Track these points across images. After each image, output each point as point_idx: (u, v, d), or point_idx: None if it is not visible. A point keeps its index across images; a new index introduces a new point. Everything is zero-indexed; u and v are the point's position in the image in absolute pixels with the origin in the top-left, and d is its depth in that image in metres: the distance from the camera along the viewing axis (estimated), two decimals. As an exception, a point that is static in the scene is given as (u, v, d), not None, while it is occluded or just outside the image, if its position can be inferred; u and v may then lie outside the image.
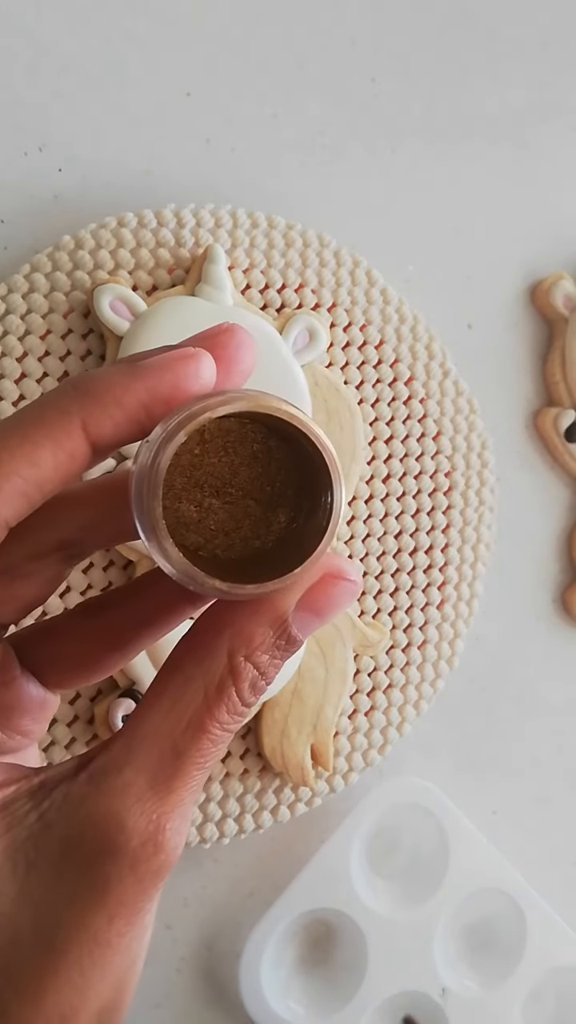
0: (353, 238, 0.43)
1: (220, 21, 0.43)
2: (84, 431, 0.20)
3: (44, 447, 0.20)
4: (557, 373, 0.44)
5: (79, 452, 0.20)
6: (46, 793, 0.20)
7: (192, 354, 0.21)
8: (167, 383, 0.20)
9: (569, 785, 0.44)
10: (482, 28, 0.46)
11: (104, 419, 0.20)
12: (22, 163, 0.40)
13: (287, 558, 0.20)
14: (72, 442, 0.20)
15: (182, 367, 0.21)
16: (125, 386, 0.20)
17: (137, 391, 0.20)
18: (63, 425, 0.20)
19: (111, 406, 0.20)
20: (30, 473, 0.20)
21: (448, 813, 0.41)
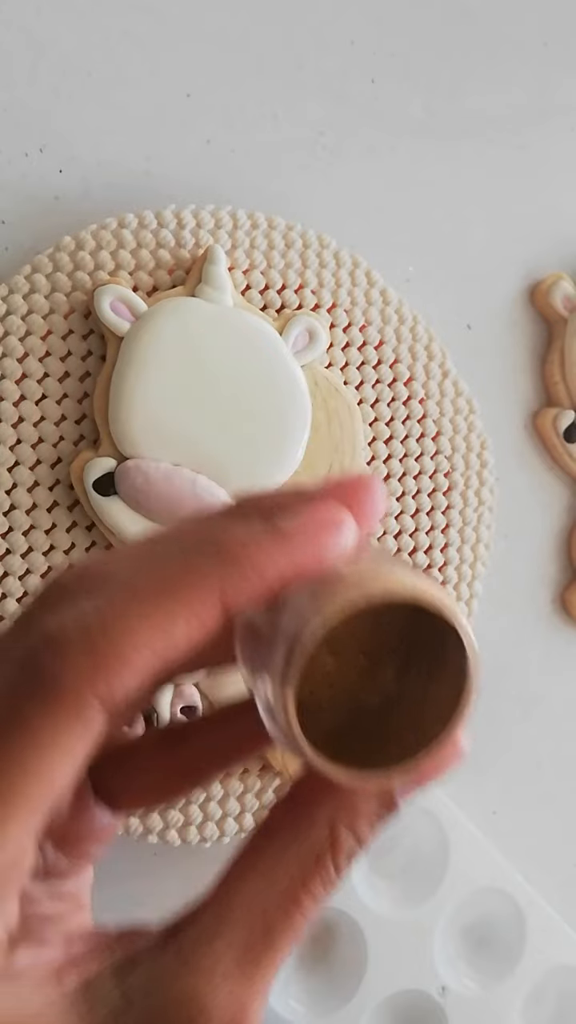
0: (353, 239, 0.43)
1: (220, 22, 0.43)
2: (222, 601, 0.18)
3: (179, 616, 0.18)
4: (556, 374, 0.44)
5: (212, 624, 0.18)
6: (131, 968, 0.19)
7: (339, 522, 0.19)
8: (311, 555, 0.19)
9: (569, 785, 0.44)
10: (482, 28, 0.46)
11: (243, 588, 0.18)
12: (23, 164, 0.40)
13: (398, 722, 0.19)
14: (208, 612, 0.18)
15: (329, 538, 0.19)
16: (269, 555, 0.19)
17: (279, 563, 0.19)
18: (201, 593, 0.18)
19: (251, 576, 0.18)
20: (162, 646, 0.18)
21: (448, 812, 0.41)
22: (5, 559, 0.36)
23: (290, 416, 0.36)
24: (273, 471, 0.36)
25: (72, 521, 0.36)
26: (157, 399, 0.35)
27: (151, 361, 0.35)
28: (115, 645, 0.18)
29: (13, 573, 0.36)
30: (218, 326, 0.36)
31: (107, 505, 0.35)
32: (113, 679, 0.18)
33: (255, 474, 0.36)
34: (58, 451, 0.36)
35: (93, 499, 0.35)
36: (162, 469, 0.35)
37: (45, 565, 0.36)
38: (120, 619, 0.18)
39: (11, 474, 0.36)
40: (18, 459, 0.36)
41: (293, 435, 0.36)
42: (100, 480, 0.35)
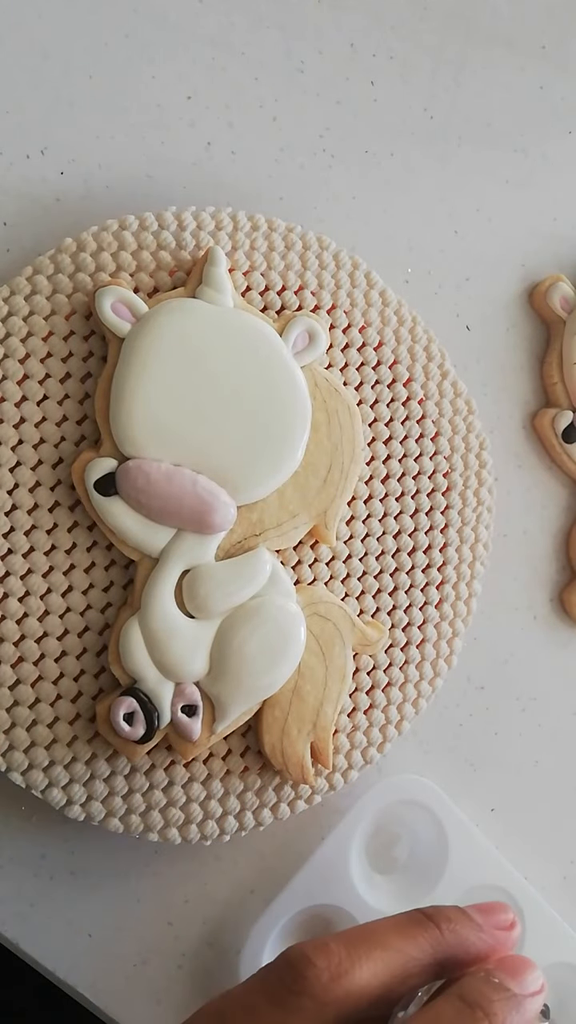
0: (352, 241, 0.43)
1: (220, 25, 0.43)
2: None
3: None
4: (555, 374, 0.45)
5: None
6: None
7: (513, 925, 0.31)
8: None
9: (567, 783, 0.45)
10: (481, 32, 0.46)
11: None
12: (24, 166, 0.40)
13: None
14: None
15: (510, 937, 0.30)
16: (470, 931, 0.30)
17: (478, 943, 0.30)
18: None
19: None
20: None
21: (447, 810, 0.41)
22: (7, 559, 0.36)
23: (290, 416, 0.37)
24: (273, 471, 0.36)
25: (73, 521, 0.37)
26: (158, 400, 0.35)
27: (152, 362, 0.35)
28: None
29: (15, 573, 0.36)
30: (218, 327, 0.36)
31: (108, 505, 0.36)
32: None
33: (255, 474, 0.36)
34: (59, 451, 0.37)
35: (94, 499, 0.35)
36: (163, 469, 0.35)
37: (47, 565, 0.36)
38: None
39: (13, 474, 0.36)
40: (20, 460, 0.36)
41: (293, 435, 0.37)
42: (101, 480, 0.35)
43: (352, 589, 0.39)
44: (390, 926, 0.29)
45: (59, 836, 0.39)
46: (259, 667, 0.36)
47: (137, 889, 0.40)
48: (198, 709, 0.36)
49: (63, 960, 0.39)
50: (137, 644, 0.35)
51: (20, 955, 0.39)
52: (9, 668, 0.36)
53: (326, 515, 0.38)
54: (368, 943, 0.28)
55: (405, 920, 0.30)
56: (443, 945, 0.29)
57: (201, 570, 0.36)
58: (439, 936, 0.29)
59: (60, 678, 0.36)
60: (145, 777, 0.37)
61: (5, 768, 0.36)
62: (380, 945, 0.28)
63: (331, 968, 0.27)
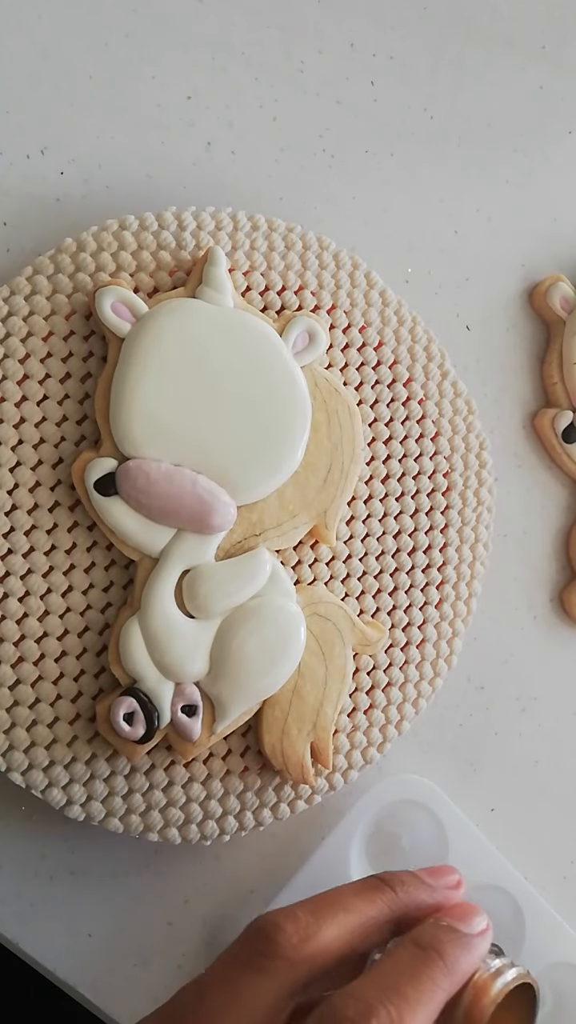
0: (352, 241, 0.43)
1: (221, 25, 0.43)
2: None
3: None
4: (555, 375, 0.45)
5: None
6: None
7: (459, 882, 0.34)
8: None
9: (567, 783, 0.45)
10: (481, 32, 0.46)
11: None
12: (24, 166, 0.40)
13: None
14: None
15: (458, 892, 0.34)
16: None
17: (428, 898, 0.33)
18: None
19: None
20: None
21: (447, 810, 0.41)
22: (7, 559, 0.36)
23: (290, 416, 0.37)
24: (273, 471, 0.36)
25: (74, 521, 0.37)
26: (158, 400, 0.35)
27: (152, 362, 0.35)
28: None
29: (15, 573, 0.36)
30: (219, 327, 0.36)
31: (108, 505, 0.36)
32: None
33: (256, 474, 0.36)
34: (59, 451, 0.37)
35: (94, 499, 0.35)
36: (163, 469, 0.35)
37: (47, 565, 0.36)
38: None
39: (13, 474, 0.36)
40: (20, 460, 0.36)
41: (293, 435, 0.37)
42: (101, 480, 0.35)
43: (352, 589, 0.39)
44: (350, 891, 0.32)
45: (59, 836, 0.39)
46: (259, 667, 0.36)
47: (137, 889, 0.40)
48: (198, 709, 0.36)
49: (63, 960, 0.39)
50: (137, 644, 0.35)
51: (20, 955, 0.39)
52: (9, 668, 0.36)
53: (326, 515, 0.38)
54: (332, 907, 0.31)
55: (363, 885, 0.32)
56: (398, 904, 0.32)
57: (201, 570, 0.36)
58: (394, 897, 0.32)
59: (60, 678, 0.36)
60: (145, 777, 0.37)
61: (5, 768, 0.36)
62: (342, 908, 0.31)
63: (299, 931, 0.29)
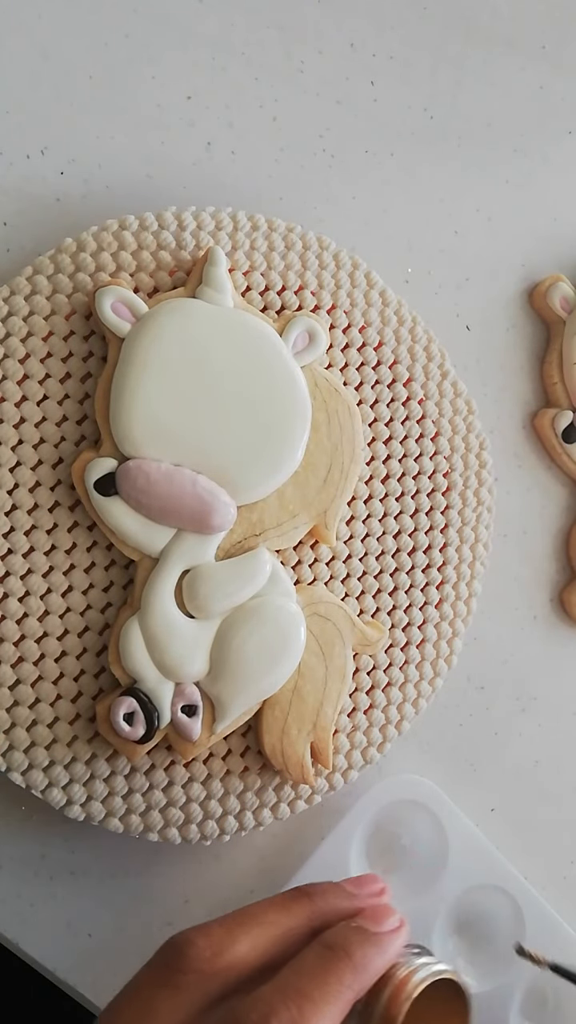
0: (352, 241, 0.43)
1: (220, 25, 0.43)
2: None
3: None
4: (555, 374, 0.45)
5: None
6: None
7: (383, 890, 0.34)
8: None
9: (567, 783, 0.45)
10: (480, 31, 0.46)
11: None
12: (24, 166, 0.40)
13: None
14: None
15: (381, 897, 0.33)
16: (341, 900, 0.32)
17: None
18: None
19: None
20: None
21: (447, 810, 0.41)
22: (7, 559, 0.36)
23: (290, 416, 0.37)
24: (273, 471, 0.36)
25: (73, 521, 0.37)
26: (158, 400, 0.35)
27: (152, 362, 0.35)
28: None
29: (15, 573, 0.36)
30: (219, 327, 0.36)
31: (108, 505, 0.36)
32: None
33: (256, 474, 0.36)
34: (59, 451, 0.37)
35: (94, 499, 0.35)
36: (163, 469, 0.35)
37: (47, 565, 0.36)
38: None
39: (13, 474, 0.36)
40: (20, 459, 0.36)
41: (293, 435, 0.37)
42: (101, 480, 0.35)
43: (352, 589, 0.39)
44: (268, 904, 0.32)
45: (59, 836, 0.39)
46: (259, 667, 0.36)
47: (137, 889, 0.40)
48: (198, 709, 0.36)
49: (63, 960, 0.39)
50: (137, 644, 0.35)
51: (20, 955, 0.39)
52: (9, 668, 0.36)
53: (326, 515, 0.38)
54: (247, 920, 0.31)
55: (282, 897, 0.32)
56: (317, 913, 0.32)
57: (201, 570, 0.36)
58: (312, 906, 0.32)
59: (60, 678, 0.36)
60: (145, 777, 0.37)
61: (5, 768, 0.36)
62: (258, 921, 0.31)
63: (212, 945, 0.29)
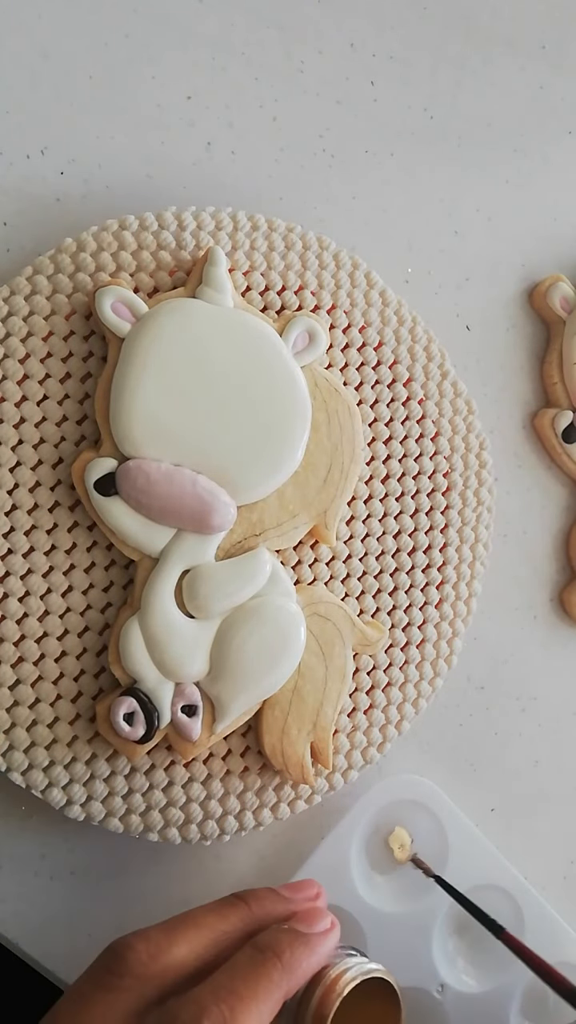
0: (352, 241, 0.43)
1: (220, 25, 0.43)
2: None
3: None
4: (555, 374, 0.45)
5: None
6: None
7: (320, 894, 0.35)
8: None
9: (567, 783, 0.45)
10: (480, 32, 0.46)
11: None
12: (24, 166, 0.40)
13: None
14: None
15: (316, 898, 0.34)
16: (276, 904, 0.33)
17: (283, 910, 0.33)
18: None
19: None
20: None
21: (447, 810, 0.41)
22: (7, 559, 0.36)
23: (290, 416, 0.37)
24: (273, 471, 0.36)
25: (73, 521, 0.37)
26: (158, 400, 0.35)
27: (152, 362, 0.35)
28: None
29: (15, 573, 0.36)
30: (219, 327, 0.36)
31: (108, 505, 0.36)
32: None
33: (255, 474, 0.36)
34: (59, 451, 0.37)
35: (94, 499, 0.35)
36: (163, 469, 0.35)
37: (47, 565, 0.36)
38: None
39: (13, 474, 0.36)
40: (20, 459, 0.36)
41: (293, 435, 0.37)
42: (101, 480, 0.35)
43: (352, 589, 0.39)
44: (206, 909, 0.32)
45: (59, 836, 0.39)
46: (259, 667, 0.36)
47: (137, 889, 0.40)
48: (198, 709, 0.36)
49: (63, 960, 0.39)
50: (137, 644, 0.35)
51: (20, 955, 0.39)
52: (9, 668, 0.36)
53: (326, 515, 0.38)
54: (184, 925, 0.31)
55: (219, 902, 0.33)
56: (252, 918, 0.32)
57: (201, 570, 0.36)
58: (248, 911, 0.33)
59: (60, 678, 0.36)
60: (145, 777, 0.37)
61: (5, 768, 0.36)
62: (194, 925, 0.31)
63: (149, 949, 0.30)
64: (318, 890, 0.35)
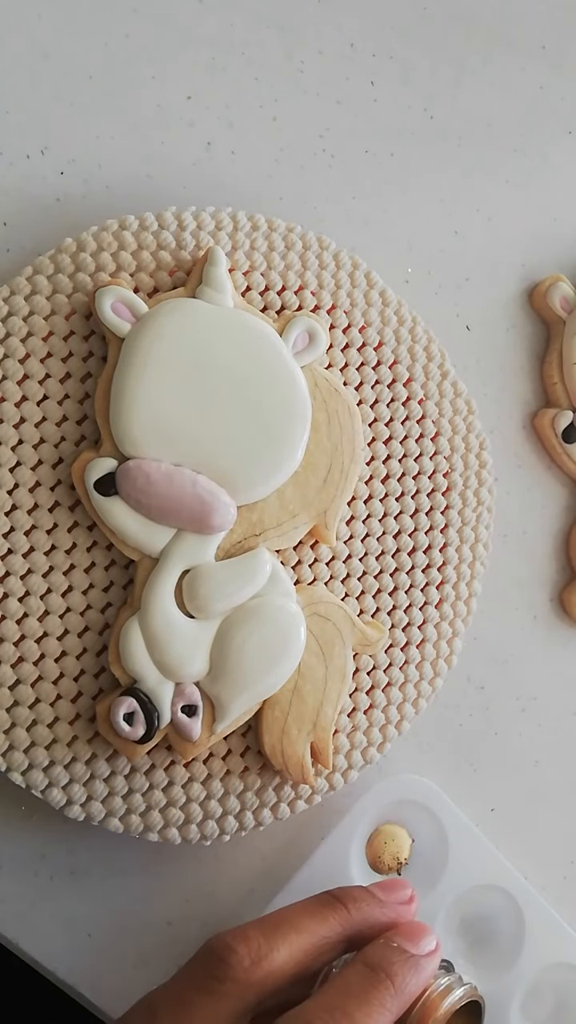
0: (352, 241, 0.43)
1: (221, 25, 0.43)
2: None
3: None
4: (555, 374, 0.45)
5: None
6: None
7: (413, 902, 0.35)
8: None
9: (567, 783, 0.45)
10: (480, 31, 0.46)
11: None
12: (24, 166, 0.40)
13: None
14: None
15: (409, 910, 0.34)
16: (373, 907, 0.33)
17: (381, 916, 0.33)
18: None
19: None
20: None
21: (447, 810, 0.41)
22: (7, 559, 0.36)
23: (290, 416, 0.37)
24: (273, 471, 0.36)
25: (74, 521, 0.37)
26: (158, 400, 0.35)
27: (152, 362, 0.35)
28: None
29: (15, 573, 0.36)
30: (219, 327, 0.36)
31: (108, 505, 0.36)
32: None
33: (256, 474, 0.36)
34: (59, 451, 0.37)
35: (94, 499, 0.36)
36: (163, 469, 0.35)
37: (47, 565, 0.36)
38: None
39: (13, 474, 0.36)
40: (20, 459, 0.36)
41: (293, 435, 0.37)
42: (101, 480, 0.35)
43: (352, 589, 0.39)
44: (302, 910, 0.32)
45: (59, 836, 0.39)
46: (259, 667, 0.36)
47: (137, 889, 0.40)
48: (198, 709, 0.36)
49: (63, 960, 0.39)
50: (137, 644, 0.35)
51: (20, 955, 0.39)
52: (9, 668, 0.36)
53: (326, 515, 0.38)
54: (284, 927, 0.31)
55: (316, 903, 0.33)
56: (351, 922, 0.32)
57: (201, 570, 0.36)
58: (347, 915, 0.32)
59: (60, 678, 0.36)
60: (145, 777, 0.37)
61: (5, 768, 0.36)
62: (295, 928, 0.31)
63: (251, 954, 0.30)
64: (411, 891, 0.35)
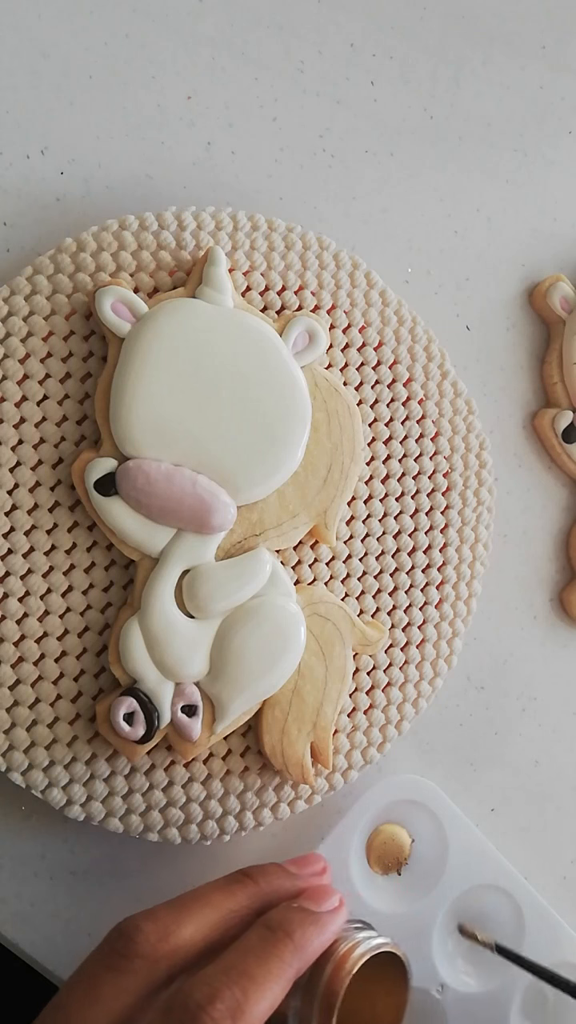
0: (352, 241, 0.43)
1: (220, 25, 0.43)
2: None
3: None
4: (555, 374, 0.45)
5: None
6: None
7: (326, 869, 0.35)
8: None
9: (567, 783, 0.45)
10: (480, 31, 0.46)
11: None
12: (24, 166, 0.40)
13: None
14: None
15: (322, 875, 0.35)
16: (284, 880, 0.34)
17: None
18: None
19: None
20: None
21: (446, 810, 0.41)
22: (7, 559, 0.36)
23: (290, 416, 0.37)
24: (273, 471, 0.36)
25: (73, 521, 0.37)
26: (158, 400, 0.35)
27: (152, 362, 0.35)
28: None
29: (15, 573, 0.36)
30: (219, 327, 0.36)
31: (108, 505, 0.36)
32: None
33: (255, 474, 0.36)
34: (59, 451, 0.37)
35: (94, 499, 0.35)
36: (163, 469, 0.35)
37: (47, 565, 0.36)
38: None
39: (13, 474, 0.36)
40: (20, 459, 0.36)
41: (293, 435, 0.37)
42: (101, 480, 0.35)
43: (352, 589, 0.39)
44: (213, 887, 0.33)
45: (59, 836, 0.39)
46: (259, 667, 0.36)
47: (137, 889, 0.40)
48: (198, 709, 0.36)
49: (63, 960, 0.39)
50: (137, 644, 0.35)
51: (20, 955, 0.39)
52: (9, 668, 0.36)
53: (326, 515, 0.38)
54: (192, 903, 0.31)
55: (226, 879, 0.33)
56: (260, 895, 0.33)
57: (201, 570, 0.36)
58: (256, 888, 0.33)
59: (60, 678, 0.36)
60: (145, 777, 0.37)
61: (5, 768, 0.36)
62: (203, 903, 0.31)
63: (158, 930, 0.30)
64: (324, 864, 0.35)
